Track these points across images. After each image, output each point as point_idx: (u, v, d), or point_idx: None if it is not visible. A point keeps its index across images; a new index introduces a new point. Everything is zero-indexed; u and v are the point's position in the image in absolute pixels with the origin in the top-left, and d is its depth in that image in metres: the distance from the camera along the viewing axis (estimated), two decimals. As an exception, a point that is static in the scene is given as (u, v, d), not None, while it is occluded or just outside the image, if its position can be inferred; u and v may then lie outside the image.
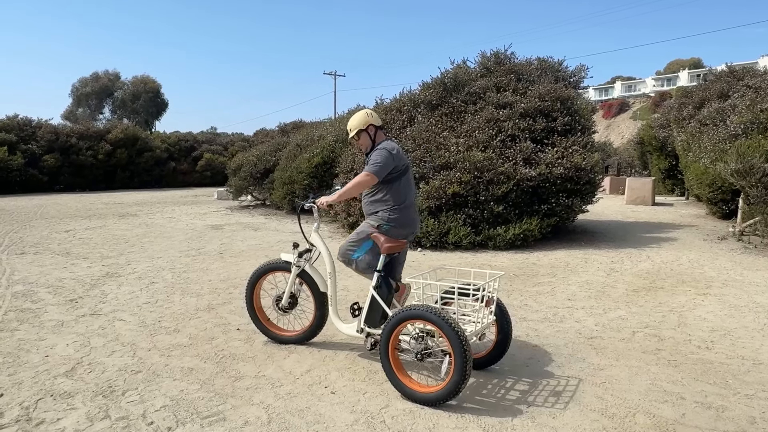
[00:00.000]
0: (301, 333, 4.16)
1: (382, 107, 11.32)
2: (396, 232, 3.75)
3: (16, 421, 2.96)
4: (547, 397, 3.28)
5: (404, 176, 3.85)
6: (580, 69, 11.08)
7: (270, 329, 4.26)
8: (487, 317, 3.46)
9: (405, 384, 3.23)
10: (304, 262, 4.03)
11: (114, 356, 3.94)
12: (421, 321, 3.17)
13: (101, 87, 55.21)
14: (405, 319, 3.22)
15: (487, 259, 7.74)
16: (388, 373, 3.30)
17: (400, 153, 3.84)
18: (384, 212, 3.77)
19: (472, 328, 3.33)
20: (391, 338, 3.27)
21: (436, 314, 3.07)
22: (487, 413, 3.07)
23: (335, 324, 3.86)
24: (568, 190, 8.93)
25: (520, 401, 3.23)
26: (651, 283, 6.27)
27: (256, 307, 4.27)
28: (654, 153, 19.77)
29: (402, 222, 3.77)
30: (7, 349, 4.07)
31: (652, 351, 4.07)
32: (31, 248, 8.65)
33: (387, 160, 3.72)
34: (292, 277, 4.06)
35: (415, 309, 3.17)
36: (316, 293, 4.02)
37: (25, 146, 23.16)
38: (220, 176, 26.52)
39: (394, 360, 3.29)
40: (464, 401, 3.21)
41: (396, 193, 3.78)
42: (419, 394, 3.17)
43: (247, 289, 4.27)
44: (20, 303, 5.37)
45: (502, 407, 3.15)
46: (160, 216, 13.67)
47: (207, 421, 2.97)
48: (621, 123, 53.87)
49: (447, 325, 3.03)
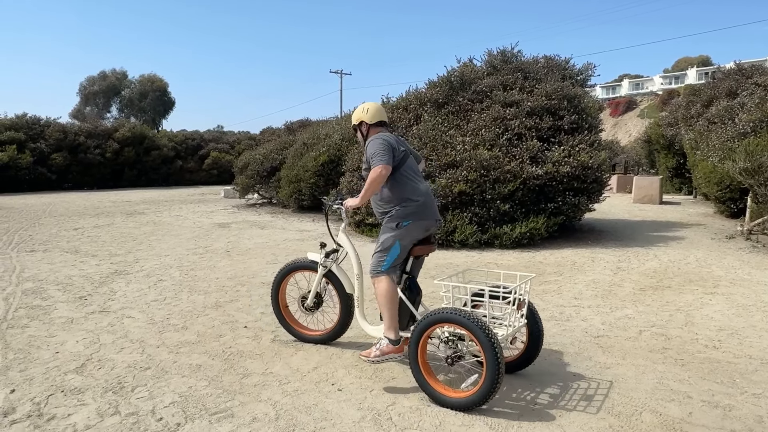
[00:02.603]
0: (326, 333, 4.14)
1: (389, 105, 11.32)
2: (417, 225, 3.49)
3: (27, 416, 3.00)
4: (553, 395, 3.28)
5: (405, 164, 3.57)
6: (587, 67, 11.06)
7: (295, 328, 4.24)
8: (519, 320, 3.35)
9: (435, 389, 3.14)
10: (330, 262, 3.96)
11: (123, 353, 3.98)
12: (451, 324, 3.07)
13: (109, 86, 55.58)
14: (435, 322, 3.12)
15: (493, 258, 7.74)
16: (417, 377, 3.21)
17: (391, 140, 3.56)
18: (400, 209, 3.49)
19: (504, 332, 3.22)
20: (420, 341, 3.18)
21: (468, 317, 2.98)
22: (493, 411, 3.08)
23: (362, 326, 3.76)
24: (575, 189, 8.92)
25: (526, 399, 3.23)
26: (658, 282, 6.25)
27: (281, 306, 4.25)
28: (661, 151, 19.69)
29: (421, 213, 3.50)
30: (18, 345, 4.12)
31: (659, 350, 4.06)
32: (40, 246, 8.73)
33: (384, 146, 3.45)
34: (318, 276, 4.02)
35: (446, 312, 3.07)
36: (342, 294, 3.96)
37: (33, 145, 23.34)
38: (226, 174, 26.61)
39: (423, 364, 3.20)
40: (471, 399, 3.22)
41: (402, 187, 3.51)
42: (450, 399, 3.08)
43: (273, 287, 4.25)
44: (30, 300, 5.42)
45: (508, 405, 3.15)
46: (168, 214, 13.74)
47: (215, 418, 3.00)
48: (628, 121, 53.62)
49: (479, 329, 2.94)
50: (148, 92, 55.06)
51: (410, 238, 3.51)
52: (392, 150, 3.49)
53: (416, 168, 3.71)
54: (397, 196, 3.50)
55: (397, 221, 3.48)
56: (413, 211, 3.48)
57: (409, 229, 3.48)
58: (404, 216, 3.47)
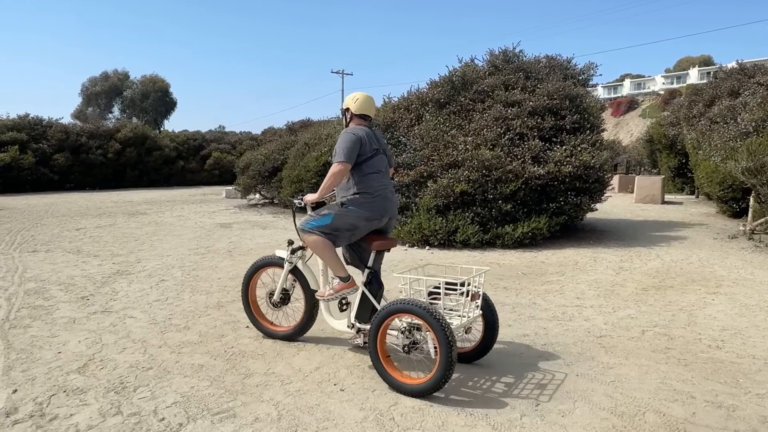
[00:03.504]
0: (291, 329, 4.23)
1: (390, 106, 11.32)
2: (358, 215, 3.71)
3: (30, 416, 3.00)
4: (556, 396, 3.27)
5: (371, 161, 3.76)
6: (589, 67, 11.06)
7: (263, 323, 4.35)
8: (474, 311, 3.55)
9: (393, 376, 3.34)
10: (296, 259, 4.09)
11: (125, 353, 3.98)
12: (408, 315, 3.27)
13: (111, 86, 55.62)
14: (393, 313, 3.31)
15: (495, 258, 7.73)
16: (376, 365, 3.40)
17: (363, 136, 3.74)
18: (351, 196, 3.74)
19: (458, 322, 3.42)
20: (379, 332, 3.37)
21: (423, 308, 3.16)
22: (497, 411, 3.07)
23: (327, 320, 3.93)
24: (577, 189, 8.91)
25: (530, 400, 3.22)
26: (661, 281, 6.24)
27: (251, 301, 4.37)
28: (663, 151, 19.66)
29: (368, 206, 3.72)
30: (21, 345, 4.12)
31: (661, 350, 4.05)
32: (42, 246, 8.74)
33: (350, 143, 3.67)
34: (284, 273, 4.14)
35: (403, 303, 3.26)
36: (307, 291, 4.08)
37: (36, 145, 23.38)
38: (228, 175, 26.63)
39: (382, 352, 3.39)
40: (473, 399, 3.22)
41: (362, 180, 3.72)
42: (406, 386, 3.27)
43: (244, 283, 4.37)
44: (33, 300, 5.43)
45: (511, 406, 3.15)
46: (170, 214, 13.75)
47: (217, 418, 3.00)
48: (630, 121, 53.54)
49: (433, 319, 3.12)
50: (150, 93, 55.08)
51: (346, 222, 3.74)
52: (359, 146, 3.70)
53: (383, 167, 3.88)
54: (354, 186, 3.74)
55: (343, 202, 3.75)
56: (361, 202, 3.72)
57: (349, 213, 3.72)
58: (351, 202, 3.73)
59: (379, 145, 3.89)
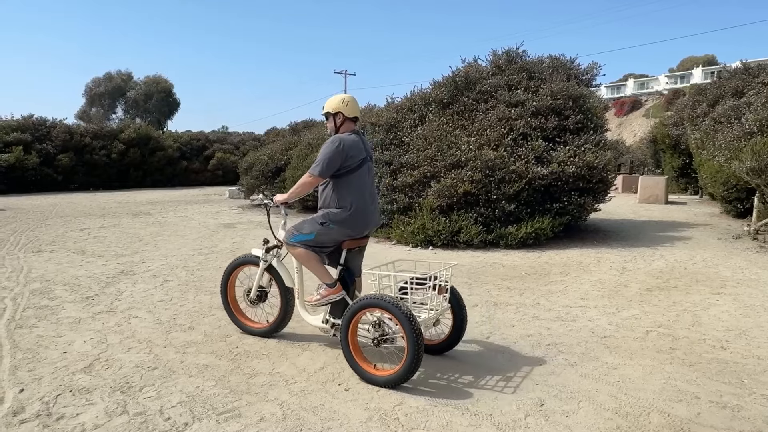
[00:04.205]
0: (268, 326, 4.30)
1: (393, 106, 11.32)
2: (340, 232, 3.77)
3: (37, 415, 3.02)
4: (560, 396, 3.27)
5: (354, 173, 3.74)
6: (593, 67, 11.02)
7: (241, 320, 4.44)
8: (441, 305, 3.67)
9: (364, 368, 3.46)
10: (271, 257, 4.16)
11: (131, 353, 4.00)
12: (377, 309, 3.39)
13: (114, 87, 55.75)
14: (363, 308, 3.43)
15: (498, 258, 7.73)
16: (347, 357, 3.52)
17: (352, 147, 3.71)
18: (330, 210, 3.77)
19: (426, 315, 3.55)
20: (350, 326, 3.48)
21: (391, 302, 3.29)
22: (501, 411, 3.08)
23: (303, 316, 4.02)
24: (581, 189, 8.90)
25: (534, 400, 3.23)
26: (665, 282, 6.23)
27: (229, 298, 4.46)
28: (667, 151, 19.60)
29: (349, 224, 3.75)
30: (27, 345, 4.14)
31: (666, 350, 4.05)
32: (47, 246, 8.77)
33: (332, 156, 3.67)
34: (259, 271, 4.23)
35: (372, 298, 3.38)
36: (282, 288, 4.15)
37: (40, 146, 23.47)
38: (231, 175, 26.69)
39: (353, 346, 3.51)
40: (477, 400, 3.22)
41: (339, 195, 3.74)
42: (377, 377, 3.39)
43: (222, 280, 4.46)
44: (38, 300, 5.45)
45: (516, 405, 3.15)
46: (173, 215, 13.79)
47: (223, 417, 3.01)
48: (633, 121, 53.42)
49: (400, 312, 3.24)
50: (153, 93, 55.18)
51: (329, 238, 3.81)
52: (343, 159, 3.69)
53: (368, 176, 3.87)
54: (334, 200, 3.78)
55: (324, 220, 3.78)
56: (341, 219, 3.74)
57: (329, 231, 3.78)
58: (332, 220, 3.76)
59: (366, 153, 3.87)
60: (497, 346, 4.15)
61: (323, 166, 3.70)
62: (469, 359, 3.86)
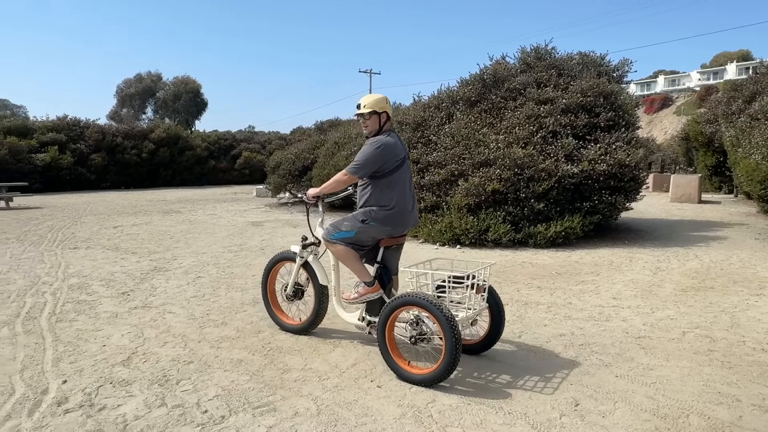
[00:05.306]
0: (301, 324, 4.33)
1: (420, 104, 11.31)
2: (380, 230, 3.78)
3: (80, 406, 3.11)
4: (596, 396, 3.23)
5: (395, 174, 3.76)
6: (624, 63, 10.81)
7: (278, 316, 4.49)
8: (479, 304, 3.62)
9: (400, 366, 3.44)
10: (307, 254, 4.20)
11: (166, 347, 4.08)
12: (415, 307, 3.36)
13: (144, 88, 56.92)
14: (401, 305, 3.41)
15: (527, 257, 7.65)
16: (384, 355, 3.51)
17: (392, 149, 3.74)
18: (372, 209, 3.77)
19: (464, 314, 3.50)
20: (387, 323, 3.47)
21: (429, 300, 3.25)
22: (535, 411, 3.05)
23: (339, 313, 4.05)
24: (612, 187, 8.75)
25: (569, 400, 3.19)
26: (700, 282, 6.08)
27: (269, 293, 4.51)
28: (700, 149, 19.14)
29: (389, 222, 3.76)
30: (67, 338, 4.27)
31: (704, 352, 3.95)
32: (83, 243, 9.01)
33: (372, 158, 3.69)
34: (296, 267, 4.27)
35: (410, 296, 3.36)
36: (317, 285, 4.18)
37: (74, 146, 24.14)
38: (258, 174, 27.02)
39: (390, 343, 3.49)
40: (511, 398, 3.20)
41: (381, 194, 3.75)
42: (413, 375, 3.37)
43: (263, 275, 4.53)
44: (76, 295, 5.61)
45: (550, 405, 3.12)
46: (203, 213, 14.02)
47: (258, 411, 3.05)
48: (664, 118, 52.28)
49: (439, 311, 3.20)
50: (182, 94, 56.14)
51: (368, 236, 3.82)
52: (384, 162, 3.71)
53: (407, 176, 3.88)
54: (374, 199, 3.78)
55: (365, 218, 3.78)
56: (381, 218, 3.75)
57: (369, 229, 3.79)
58: (372, 218, 3.76)
59: (404, 152, 3.91)
60: (529, 345, 4.11)
61: (361, 167, 3.72)
62: (501, 358, 3.83)
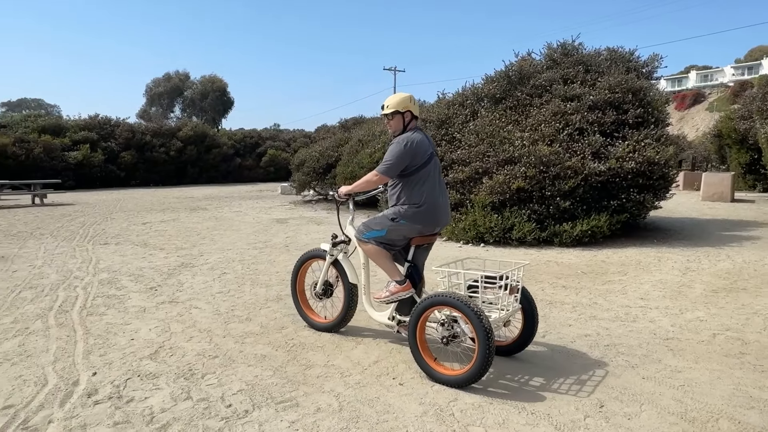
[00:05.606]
0: (330, 322, 4.33)
1: (444, 102, 11.25)
2: (410, 228, 3.75)
3: (109, 397, 3.19)
4: (621, 398, 3.17)
5: (422, 170, 3.73)
6: (654, 58, 10.55)
7: (307, 314, 4.50)
8: (512, 305, 3.54)
9: (431, 366, 3.38)
10: (337, 252, 4.19)
11: (192, 341, 4.15)
12: (447, 307, 3.30)
13: (172, 87, 57.99)
14: (432, 305, 3.36)
15: (553, 256, 7.55)
16: (415, 355, 3.46)
17: (419, 146, 3.72)
18: (402, 207, 3.74)
19: (497, 315, 3.43)
20: (418, 323, 3.43)
21: (462, 301, 3.19)
22: (559, 411, 3.01)
23: (369, 312, 4.02)
24: (640, 186, 8.57)
25: (593, 401, 3.14)
26: (732, 283, 5.92)
27: (298, 291, 4.54)
28: (733, 146, 18.62)
29: (419, 219, 3.72)
30: (97, 331, 4.38)
31: (735, 355, 3.85)
32: (112, 239, 9.23)
33: (399, 156, 3.68)
34: (326, 265, 4.27)
35: (442, 295, 3.30)
36: (346, 284, 4.17)
37: (105, 144, 24.73)
38: (283, 171, 27.27)
39: (421, 343, 3.45)
40: (534, 398, 3.17)
41: (411, 192, 3.72)
42: (445, 376, 3.31)
43: (293, 274, 4.56)
44: (106, 290, 5.75)
45: (574, 406, 3.08)
46: (228, 210, 14.21)
47: (281, 406, 3.08)
48: (695, 115, 50.97)
49: (471, 311, 3.14)
50: (209, 92, 57.01)
51: (399, 234, 3.79)
52: (411, 158, 3.69)
53: (436, 172, 3.83)
54: (404, 197, 3.75)
55: (394, 216, 3.76)
56: (411, 215, 3.71)
57: (400, 228, 3.76)
58: (402, 216, 3.73)
59: (432, 148, 3.87)
60: (553, 345, 4.06)
61: (390, 167, 3.71)
62: (525, 358, 3.79)
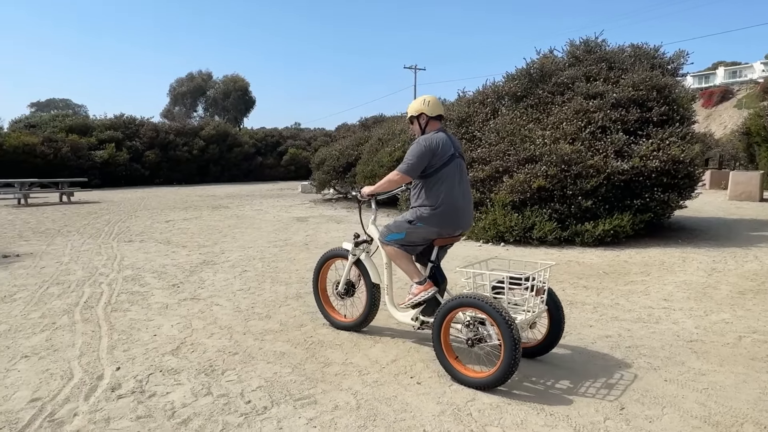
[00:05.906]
0: (353, 321, 4.33)
1: (465, 100, 11.19)
2: (428, 230, 3.73)
3: (131, 392, 3.25)
4: (642, 401, 3.13)
5: (441, 171, 3.68)
6: (679, 55, 10.33)
7: (329, 312, 4.51)
8: (538, 307, 3.49)
9: (456, 368, 3.35)
10: (360, 252, 4.20)
11: (213, 338, 4.21)
12: (472, 309, 3.26)
13: (195, 86, 58.74)
14: (457, 307, 3.33)
15: (574, 256, 7.47)
16: (439, 357, 3.43)
17: (439, 145, 3.68)
18: (420, 209, 3.73)
19: (523, 317, 3.37)
20: (443, 324, 3.40)
21: (487, 302, 3.15)
22: (578, 413, 2.98)
23: (392, 313, 4.01)
24: (664, 185, 8.41)
25: (614, 403, 3.10)
26: (759, 285, 5.78)
27: (320, 289, 4.55)
28: (762, 144, 18.17)
29: (436, 221, 3.69)
30: (121, 327, 4.47)
31: (762, 358, 3.76)
32: (137, 236, 9.40)
33: (420, 157, 3.66)
34: (348, 265, 4.27)
35: (467, 297, 3.26)
36: (368, 283, 4.17)
37: (129, 143, 25.22)
38: (303, 170, 27.44)
39: (445, 345, 3.42)
40: (552, 400, 3.14)
41: (429, 193, 3.70)
42: (470, 378, 3.28)
43: (314, 272, 4.57)
44: (130, 286, 5.86)
45: (594, 408, 3.04)
46: (249, 208, 14.36)
47: (299, 403, 3.11)
48: (723, 112, 49.81)
49: (497, 313, 3.10)
50: (231, 92, 57.61)
51: (419, 236, 3.78)
52: (430, 158, 3.67)
53: (458, 172, 3.77)
54: (423, 198, 3.74)
55: (413, 218, 3.75)
56: (427, 216, 3.69)
57: (418, 230, 3.75)
58: (420, 218, 3.72)
59: (455, 149, 3.81)
60: (574, 346, 4.02)
61: (409, 166, 3.70)
62: (544, 358, 3.75)
